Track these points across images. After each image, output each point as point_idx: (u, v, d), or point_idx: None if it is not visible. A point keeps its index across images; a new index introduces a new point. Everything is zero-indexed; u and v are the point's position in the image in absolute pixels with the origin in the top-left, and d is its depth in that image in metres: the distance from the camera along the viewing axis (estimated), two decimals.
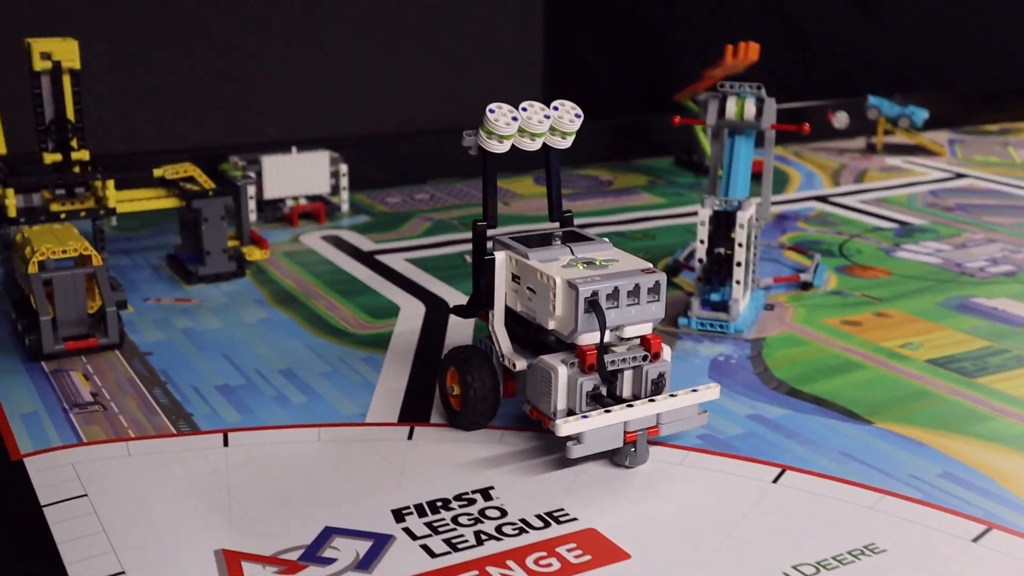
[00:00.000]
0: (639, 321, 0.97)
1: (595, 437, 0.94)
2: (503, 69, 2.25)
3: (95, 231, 1.35)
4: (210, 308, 1.35)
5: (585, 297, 0.93)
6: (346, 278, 1.49)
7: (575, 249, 1.00)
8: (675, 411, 0.98)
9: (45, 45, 1.27)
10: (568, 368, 0.95)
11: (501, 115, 1.01)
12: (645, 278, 0.96)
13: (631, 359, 0.97)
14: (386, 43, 2.13)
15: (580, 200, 1.92)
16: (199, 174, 1.44)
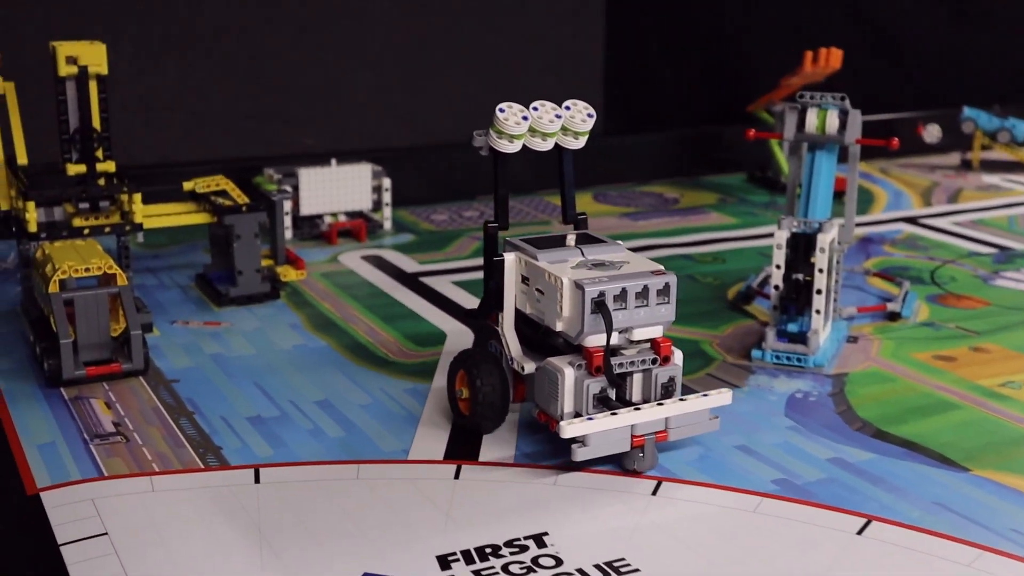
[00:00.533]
0: (648, 324, 1.03)
1: (601, 440, 1.00)
2: (561, 78, 2.26)
3: (120, 248, 1.37)
4: (242, 332, 1.37)
5: (592, 298, 1.00)
6: (388, 302, 1.49)
7: (586, 251, 1.07)
8: (684, 415, 1.03)
9: (71, 49, 1.29)
10: (575, 370, 1.01)
11: (511, 114, 1.07)
12: (654, 279, 1.02)
13: (640, 362, 1.03)
14: (435, 48, 2.14)
15: (643, 219, 1.91)
16: (231, 188, 1.46)
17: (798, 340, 1.28)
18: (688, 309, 1.46)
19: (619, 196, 2.09)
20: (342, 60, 2.07)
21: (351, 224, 1.76)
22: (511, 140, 1.08)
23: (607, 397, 1.03)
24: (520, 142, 1.08)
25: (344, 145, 2.08)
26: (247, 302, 1.45)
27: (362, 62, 2.10)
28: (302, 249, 1.69)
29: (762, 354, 1.28)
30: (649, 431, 1.03)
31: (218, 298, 1.45)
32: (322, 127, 2.08)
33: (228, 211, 1.42)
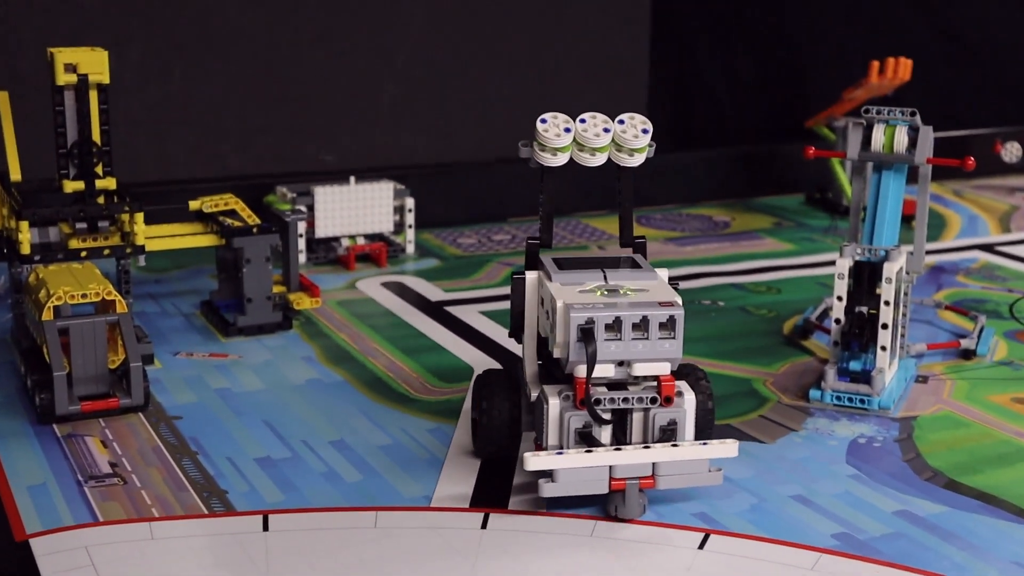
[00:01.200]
0: (648, 358, 1.01)
1: (572, 477, 1.00)
2: (601, 88, 2.27)
3: (120, 272, 1.38)
4: (250, 365, 1.37)
5: (578, 324, 1.00)
6: (410, 333, 1.50)
7: (611, 275, 1.07)
8: (676, 463, 1.02)
9: (70, 56, 1.31)
10: (561, 401, 1.02)
11: (553, 125, 1.08)
12: (656, 311, 1.01)
13: (636, 400, 1.02)
14: (465, 57, 2.15)
15: (691, 244, 1.91)
16: (241, 207, 1.47)
17: (861, 380, 1.27)
18: (740, 344, 1.46)
19: (664, 219, 2.08)
20: (363, 68, 2.08)
21: (370, 248, 1.77)
22: (555, 153, 1.08)
23: (590, 434, 1.02)
24: (566, 155, 1.09)
25: (364, 161, 2.09)
26: (257, 332, 1.46)
27: (385, 71, 2.11)
28: (317, 275, 1.70)
29: (821, 395, 1.27)
30: (631, 475, 1.02)
31: (225, 328, 1.46)
32: (340, 142, 2.10)
33: (237, 233, 1.43)
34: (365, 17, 2.07)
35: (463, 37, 2.15)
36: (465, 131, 2.21)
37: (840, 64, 2.31)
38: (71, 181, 1.34)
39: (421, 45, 2.12)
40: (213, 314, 1.50)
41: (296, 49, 2.03)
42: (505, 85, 2.21)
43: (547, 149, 1.08)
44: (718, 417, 1.25)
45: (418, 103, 2.15)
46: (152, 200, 1.43)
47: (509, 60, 2.21)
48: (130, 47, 1.90)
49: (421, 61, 2.13)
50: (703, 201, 2.21)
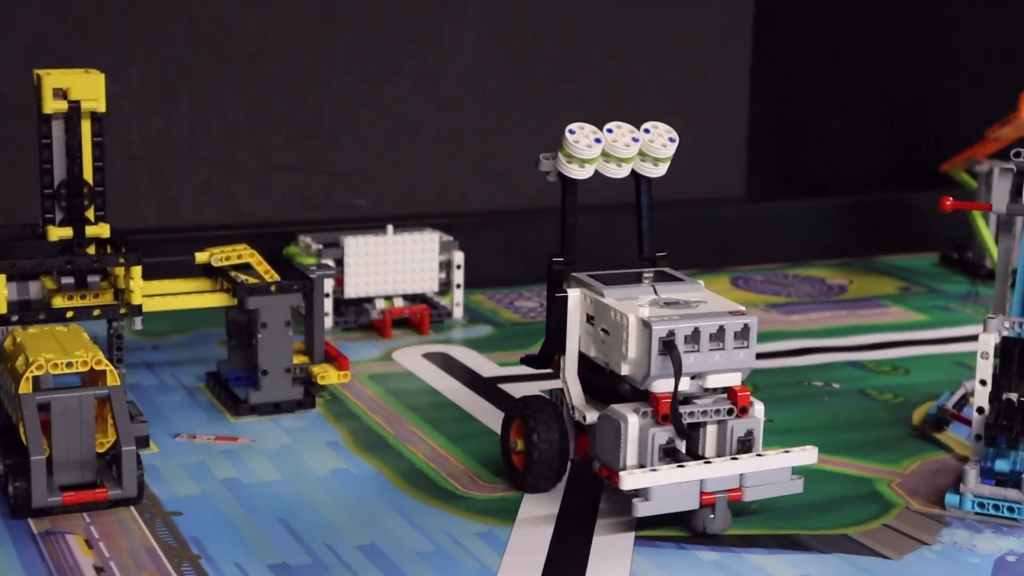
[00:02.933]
0: (724, 369, 1.19)
1: (665, 495, 1.16)
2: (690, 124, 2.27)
3: (112, 337, 1.39)
4: (265, 452, 1.37)
5: (660, 337, 1.15)
6: (458, 415, 1.49)
7: (660, 289, 1.24)
8: (762, 472, 1.19)
9: (60, 79, 1.33)
10: (640, 418, 1.17)
11: (582, 136, 1.25)
12: (731, 320, 1.18)
13: (713, 412, 1.19)
14: (523, 84, 2.16)
15: (798, 313, 1.90)
16: (258, 261, 1.48)
17: (1010, 483, 1.25)
18: (859, 436, 1.44)
19: (765, 282, 2.07)
20: (405, 96, 2.10)
21: (411, 311, 1.77)
22: (582, 165, 1.26)
23: (675, 449, 1.18)
24: (592, 167, 1.26)
25: (404, 207, 2.10)
26: (273, 411, 1.46)
27: (431, 99, 2.12)
28: (346, 343, 1.71)
29: (960, 500, 1.26)
30: (721, 488, 1.18)
31: (235, 405, 1.47)
32: (376, 183, 2.11)
33: (252, 291, 1.44)
34: (407, 35, 2.09)
35: (525, 60, 2.16)
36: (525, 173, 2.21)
37: (982, 97, 2.29)
38: (57, 227, 1.35)
39: (474, 68, 2.13)
40: (221, 389, 1.51)
41: (325, 72, 2.04)
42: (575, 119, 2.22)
43: (574, 160, 1.25)
44: (832, 523, 1.24)
45: (469, 138, 2.16)
46: (152, 251, 1.44)
47: (581, 88, 2.21)
48: (129, 69, 1.93)
49: (474, 87, 2.14)
50: (814, 260, 2.20)
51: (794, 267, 2.16)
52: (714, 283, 2.04)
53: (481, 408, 1.50)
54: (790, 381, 1.62)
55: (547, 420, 1.25)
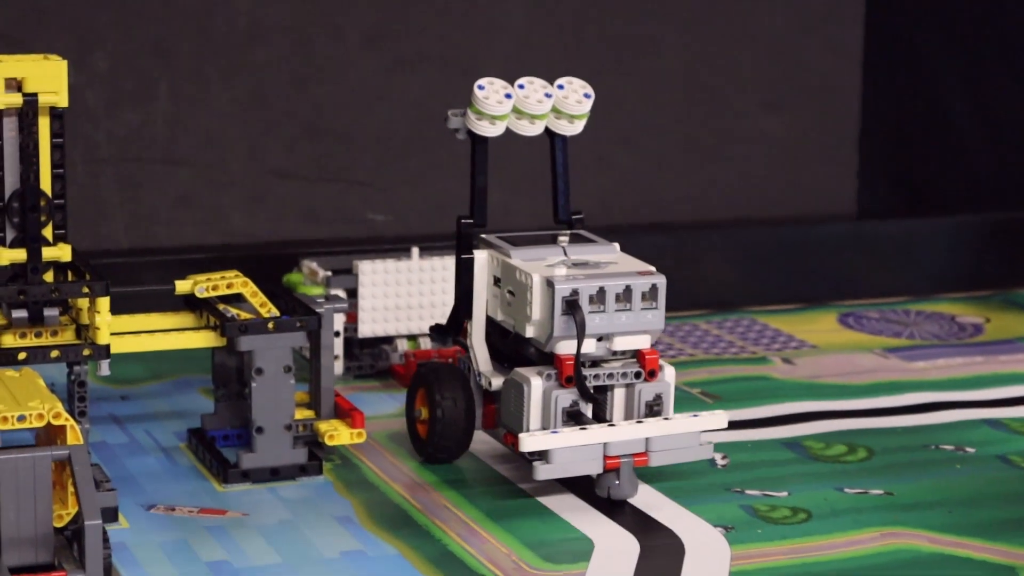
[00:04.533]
0: (632, 331, 1.39)
1: (566, 457, 1.35)
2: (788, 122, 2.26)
3: (73, 384, 1.39)
4: (260, 528, 1.37)
5: (563, 296, 1.35)
6: (499, 486, 1.50)
7: (571, 250, 1.44)
8: (669, 437, 1.39)
9: (13, 67, 1.33)
10: (544, 380, 1.37)
11: (492, 92, 1.44)
12: (639, 280, 1.39)
13: (620, 375, 1.39)
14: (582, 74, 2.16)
15: (922, 359, 1.89)
16: (251, 291, 1.48)
17: None
18: (998, 512, 1.43)
19: (882, 320, 2.07)
20: (432, 89, 2.10)
21: (440, 355, 1.77)
22: (492, 122, 1.46)
23: (579, 412, 1.38)
24: (503, 124, 1.46)
25: (431, 225, 2.10)
26: (270, 478, 1.46)
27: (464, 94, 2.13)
28: (360, 394, 1.71)
29: None
30: (626, 452, 1.38)
31: (224, 470, 1.47)
32: (397, 195, 2.11)
33: (244, 329, 1.44)
34: (436, 10, 2.09)
35: (583, 41, 2.16)
36: (581, 182, 2.21)
37: None
38: (7, 249, 1.36)
39: (520, 54, 2.13)
40: (206, 450, 1.51)
41: (334, 57, 2.05)
42: (641, 115, 2.22)
43: (485, 117, 1.45)
44: None
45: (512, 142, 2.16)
46: (123, 278, 1.45)
47: (654, 78, 2.21)
48: (95, 54, 1.94)
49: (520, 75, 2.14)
50: (941, 293, 2.19)
51: (917, 302, 2.15)
52: (818, 320, 2.03)
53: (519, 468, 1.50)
54: (913, 444, 1.61)
55: (452, 385, 1.47)
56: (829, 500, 1.45)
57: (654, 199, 2.23)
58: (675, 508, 1.43)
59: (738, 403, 1.70)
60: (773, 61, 2.24)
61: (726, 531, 1.37)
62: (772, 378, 1.81)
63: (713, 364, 1.86)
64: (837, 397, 1.74)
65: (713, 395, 1.74)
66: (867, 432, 1.63)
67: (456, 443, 1.49)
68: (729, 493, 1.46)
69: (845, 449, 1.59)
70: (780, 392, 1.75)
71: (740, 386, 1.78)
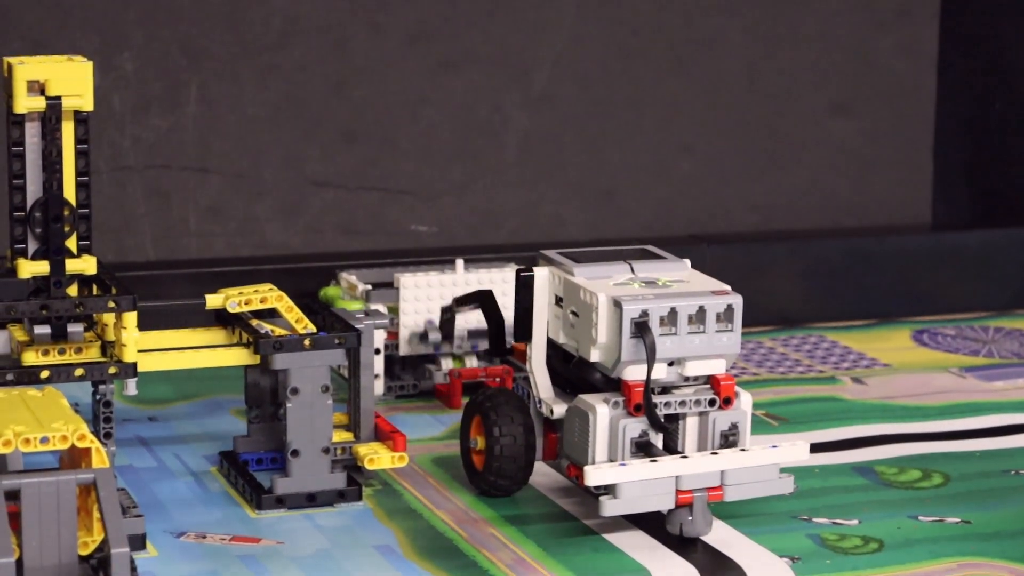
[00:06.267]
0: (705, 355, 1.36)
1: (636, 492, 1.31)
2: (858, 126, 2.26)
3: (98, 404, 1.40)
4: (295, 558, 1.38)
5: (632, 318, 1.32)
6: (552, 511, 1.49)
7: (638, 267, 1.42)
8: (746, 470, 1.35)
9: (36, 69, 1.34)
10: (610, 408, 1.34)
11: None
12: (714, 300, 1.35)
13: (693, 403, 1.36)
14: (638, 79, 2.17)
15: (1002, 378, 1.88)
16: (287, 306, 1.48)
17: None
18: None
19: (959, 337, 2.06)
20: (480, 91, 2.11)
21: (487, 373, 1.77)
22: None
23: (649, 443, 1.35)
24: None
25: (478, 236, 2.10)
26: (306, 504, 1.47)
27: (514, 96, 2.13)
28: (402, 415, 1.71)
29: None
30: (699, 486, 1.34)
31: (257, 496, 1.47)
32: (441, 204, 2.12)
33: (279, 346, 1.44)
34: (484, 11, 2.10)
35: (641, 41, 2.16)
36: (639, 190, 2.21)
37: None
38: (29, 261, 1.36)
39: (572, 54, 2.14)
40: (238, 474, 1.51)
41: (376, 60, 2.06)
42: (704, 118, 2.22)
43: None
44: None
45: (566, 145, 2.16)
46: (151, 291, 1.45)
47: (715, 78, 2.21)
48: (122, 55, 1.95)
49: (573, 77, 2.15)
50: (1023, 309, 2.18)
51: (996, 318, 2.15)
52: (891, 337, 2.03)
53: (582, 503, 1.50)
54: (993, 469, 1.60)
55: (510, 413, 1.43)
56: (903, 529, 1.44)
57: (716, 209, 2.22)
58: (738, 536, 1.42)
59: (805, 425, 1.70)
60: (842, 61, 2.24)
61: (792, 562, 1.37)
62: (841, 399, 1.81)
63: (779, 384, 1.86)
64: (911, 419, 1.74)
65: (779, 417, 1.74)
66: (943, 456, 1.63)
67: (515, 476, 1.46)
68: (796, 521, 1.45)
69: (919, 475, 1.58)
70: (850, 414, 1.75)
71: (807, 407, 1.77)
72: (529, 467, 1.46)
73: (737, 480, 1.35)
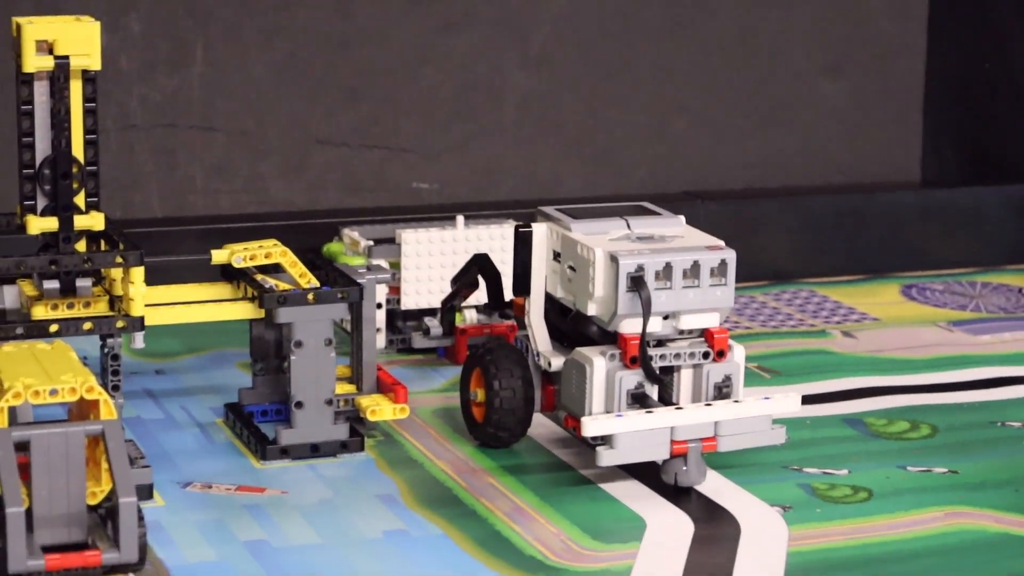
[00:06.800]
0: (700, 309, 1.38)
1: (631, 442, 1.34)
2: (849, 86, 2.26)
3: (106, 357, 1.40)
4: (299, 507, 1.38)
5: (628, 272, 1.33)
6: (549, 462, 1.50)
7: (634, 223, 1.43)
8: (739, 421, 1.37)
9: (45, 29, 1.34)
10: (607, 361, 1.36)
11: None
12: (707, 255, 1.37)
13: (688, 356, 1.38)
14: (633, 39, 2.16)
15: (988, 332, 1.88)
16: (291, 261, 1.49)
17: None
18: None
19: (946, 292, 2.06)
20: (479, 52, 2.10)
21: (489, 329, 1.77)
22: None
23: (645, 395, 1.37)
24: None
25: (478, 193, 2.10)
26: (310, 455, 1.47)
27: (513, 57, 2.13)
28: (403, 368, 1.72)
29: None
30: (694, 436, 1.36)
31: (262, 447, 1.48)
32: (441, 162, 2.12)
33: (283, 300, 1.45)
34: None
35: (636, 6, 2.16)
36: (635, 149, 2.21)
37: None
38: (39, 217, 1.37)
39: (571, 15, 2.13)
40: (243, 425, 1.52)
41: (379, 20, 2.05)
42: (699, 78, 2.22)
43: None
44: None
45: (564, 104, 2.16)
46: (158, 247, 1.45)
47: (706, 40, 2.21)
48: (129, 15, 1.94)
49: (570, 38, 2.15)
50: (1010, 265, 2.19)
51: (983, 273, 2.15)
52: (880, 292, 2.03)
53: (580, 454, 1.50)
54: (980, 421, 1.61)
55: (509, 367, 1.44)
56: (891, 479, 1.45)
57: (710, 166, 2.22)
58: (730, 486, 1.43)
59: (796, 378, 1.71)
60: (833, 22, 2.23)
61: (783, 511, 1.37)
62: (832, 352, 1.81)
63: (771, 337, 1.86)
64: (899, 372, 1.74)
65: (771, 370, 1.74)
66: (931, 408, 1.63)
67: (514, 429, 1.47)
68: (787, 471, 1.46)
69: (908, 426, 1.59)
70: (840, 367, 1.75)
71: (798, 360, 1.78)
72: (528, 419, 1.46)
73: (730, 431, 1.37)
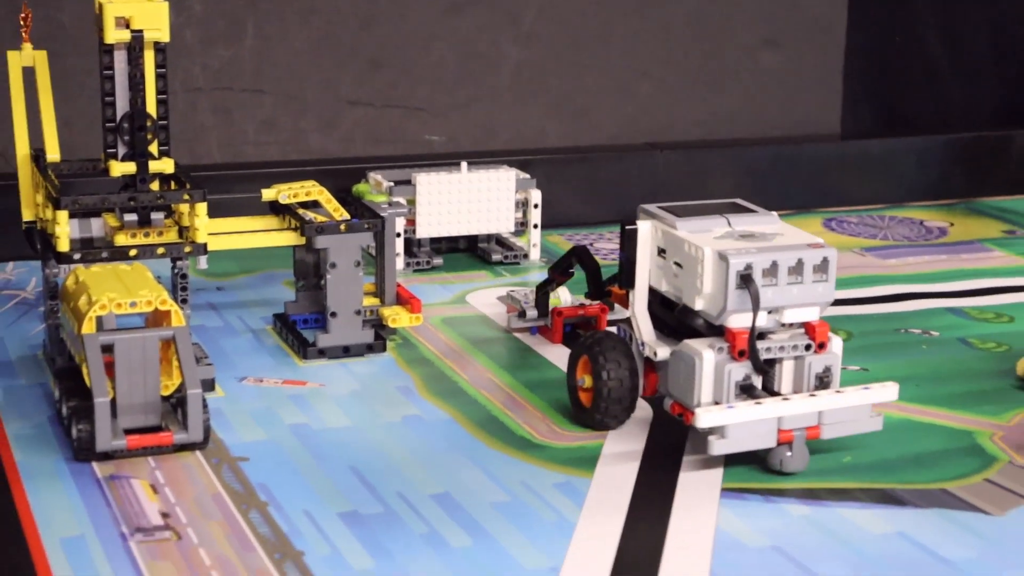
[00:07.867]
0: (802, 304, 1.23)
1: (742, 432, 1.20)
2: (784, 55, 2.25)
3: (176, 276, 1.40)
4: (334, 397, 1.39)
5: (737, 271, 1.19)
6: (536, 361, 1.50)
7: (734, 220, 1.27)
8: (841, 410, 1.22)
9: (123, 7, 1.34)
10: (716, 353, 1.22)
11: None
12: (810, 252, 1.22)
13: (791, 348, 1.23)
14: (608, 14, 2.16)
15: (895, 257, 1.89)
16: (327, 198, 1.49)
17: None
18: (958, 387, 1.44)
19: (861, 224, 2.06)
20: (481, 26, 2.10)
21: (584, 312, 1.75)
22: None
23: (751, 386, 1.22)
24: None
25: (479, 143, 2.10)
26: (342, 355, 1.48)
27: (508, 30, 2.12)
28: (418, 285, 1.72)
29: None
30: (799, 425, 1.22)
31: (303, 349, 1.48)
32: (450, 118, 2.11)
33: (321, 230, 1.45)
34: None
35: None
36: (608, 108, 2.21)
37: None
38: (119, 162, 1.37)
39: (554, 1, 2.13)
40: (288, 331, 1.53)
41: (397, 3, 2.05)
42: (659, 50, 2.21)
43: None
44: (931, 478, 1.24)
45: (549, 71, 2.16)
46: (217, 187, 1.46)
47: (666, 17, 2.20)
48: None
49: (555, 18, 2.14)
50: (913, 202, 2.18)
51: (891, 208, 2.15)
52: (806, 224, 2.02)
53: (561, 354, 1.51)
54: (886, 328, 1.61)
55: (617, 357, 1.29)
56: None
57: (668, 122, 2.22)
58: None
59: None
60: (771, 3, 2.23)
61: None
62: None
63: None
64: None
65: None
66: (848, 318, 1.63)
67: (619, 416, 1.31)
68: None
69: None
70: None
71: None
72: (632, 406, 1.32)
73: (833, 420, 1.23)
